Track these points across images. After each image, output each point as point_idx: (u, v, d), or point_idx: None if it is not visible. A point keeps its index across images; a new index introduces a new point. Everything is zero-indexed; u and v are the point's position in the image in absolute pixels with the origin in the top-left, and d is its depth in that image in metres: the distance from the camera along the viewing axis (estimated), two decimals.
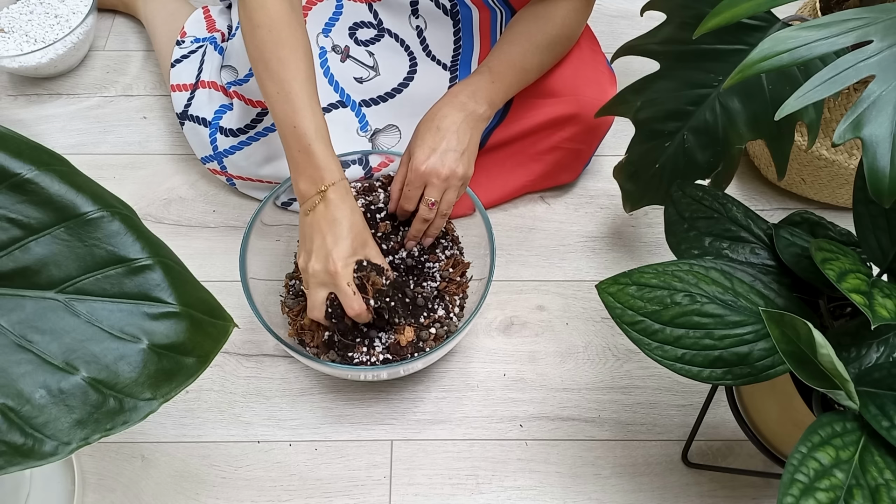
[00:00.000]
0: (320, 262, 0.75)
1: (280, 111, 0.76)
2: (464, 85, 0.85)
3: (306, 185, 0.76)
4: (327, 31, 0.93)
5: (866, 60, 0.52)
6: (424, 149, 0.81)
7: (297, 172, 0.76)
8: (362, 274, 0.76)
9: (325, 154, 0.75)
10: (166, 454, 0.84)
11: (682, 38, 0.74)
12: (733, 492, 0.83)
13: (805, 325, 0.51)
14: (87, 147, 1.10)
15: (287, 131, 0.75)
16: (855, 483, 0.52)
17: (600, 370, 0.91)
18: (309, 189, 0.75)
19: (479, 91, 0.85)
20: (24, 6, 1.17)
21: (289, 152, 0.77)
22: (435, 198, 0.81)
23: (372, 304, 0.76)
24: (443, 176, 0.80)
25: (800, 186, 1.04)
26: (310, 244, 0.76)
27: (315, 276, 0.76)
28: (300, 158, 0.75)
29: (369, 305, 0.76)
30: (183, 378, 0.48)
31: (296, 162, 0.76)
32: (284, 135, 0.76)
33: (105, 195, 0.49)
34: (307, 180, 0.75)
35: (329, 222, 0.75)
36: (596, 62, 0.97)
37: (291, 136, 0.75)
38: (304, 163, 0.75)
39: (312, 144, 0.74)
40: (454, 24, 0.96)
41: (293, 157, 0.76)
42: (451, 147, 0.81)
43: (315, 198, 0.75)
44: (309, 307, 0.78)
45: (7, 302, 0.45)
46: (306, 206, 0.76)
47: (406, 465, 0.84)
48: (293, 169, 0.77)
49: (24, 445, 0.44)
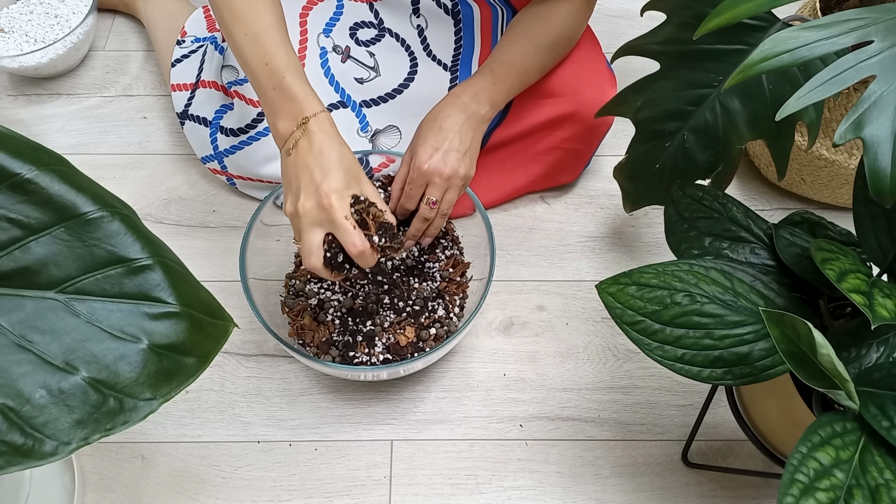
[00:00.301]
0: (310, 198, 0.67)
1: (249, 52, 0.71)
2: (465, 86, 0.85)
3: (285, 123, 0.69)
4: (328, 31, 0.93)
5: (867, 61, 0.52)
6: (427, 148, 0.81)
7: (273, 114, 0.70)
8: (360, 207, 0.68)
9: (303, 86, 0.69)
10: (166, 454, 0.84)
11: (683, 38, 0.74)
12: (733, 492, 0.83)
13: (805, 325, 0.51)
14: (87, 147, 1.10)
15: (258, 71, 0.70)
16: (855, 483, 0.52)
17: (600, 370, 0.91)
18: (288, 126, 0.69)
19: (481, 92, 0.85)
20: (24, 6, 1.17)
21: (263, 95, 0.71)
22: (436, 197, 0.81)
23: (376, 240, 0.68)
24: (445, 175, 0.80)
25: (800, 186, 1.04)
26: (296, 184, 0.68)
27: (307, 216, 0.68)
28: (275, 96, 0.69)
29: (373, 243, 0.68)
30: (183, 378, 0.48)
31: (271, 102, 0.70)
32: (256, 76, 0.70)
33: (105, 195, 0.49)
34: (285, 117, 0.69)
35: (315, 156, 0.67)
36: (596, 62, 0.97)
37: (263, 74, 0.70)
38: (280, 99, 0.69)
39: (287, 77, 0.69)
40: (455, 23, 0.96)
41: (267, 97, 0.70)
42: (453, 147, 0.81)
43: (296, 133, 0.68)
44: (304, 254, 0.70)
45: (7, 302, 0.45)
46: (287, 145, 0.69)
47: (406, 465, 0.84)
48: (269, 112, 0.71)
49: (24, 445, 0.44)
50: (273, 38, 0.71)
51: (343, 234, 0.67)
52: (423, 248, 0.87)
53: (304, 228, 0.69)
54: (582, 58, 0.97)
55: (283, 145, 0.70)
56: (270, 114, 0.71)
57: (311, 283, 0.87)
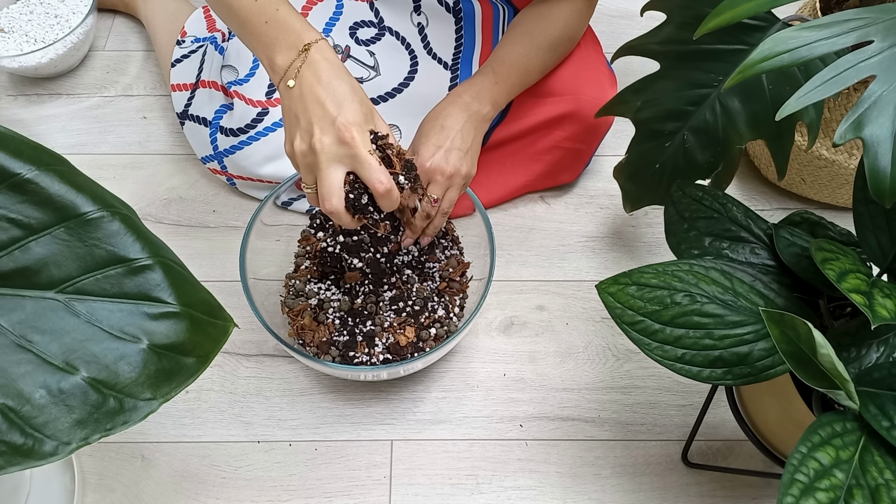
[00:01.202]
0: (328, 132, 0.61)
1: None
2: (467, 85, 0.85)
3: (283, 54, 0.64)
4: (328, 30, 0.93)
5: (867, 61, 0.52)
6: (429, 146, 0.81)
7: (268, 48, 0.65)
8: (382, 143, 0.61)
9: (297, 16, 0.66)
10: (166, 454, 0.84)
11: (682, 38, 0.74)
12: (733, 492, 0.83)
13: (805, 325, 0.51)
14: (87, 147, 1.10)
15: (247, 9, 0.66)
16: (855, 483, 0.52)
17: (600, 370, 0.91)
18: (287, 57, 0.64)
19: (482, 91, 0.85)
20: (24, 6, 1.17)
21: (253, 32, 0.66)
22: (438, 195, 0.81)
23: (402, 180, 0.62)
24: (447, 174, 0.80)
25: (800, 186, 1.04)
26: (306, 119, 0.62)
27: (325, 151, 0.61)
28: (268, 30, 0.65)
29: (399, 182, 0.63)
30: (183, 378, 0.48)
31: (263, 36, 0.65)
32: (245, 14, 0.66)
33: (105, 195, 0.49)
34: (282, 48, 0.64)
35: (325, 86, 0.62)
36: (596, 62, 0.97)
37: (253, 10, 0.65)
38: (274, 31, 0.64)
39: (280, 8, 0.65)
40: (456, 21, 0.96)
41: (259, 33, 0.65)
42: (455, 145, 0.81)
43: (296, 62, 0.63)
44: (323, 196, 0.63)
45: (7, 302, 0.45)
46: (287, 76, 0.63)
47: (406, 465, 0.84)
48: (262, 47, 0.66)
49: (24, 445, 0.44)
50: None
51: (368, 170, 0.62)
52: (423, 248, 0.87)
53: (323, 166, 0.62)
54: (582, 57, 0.97)
55: (282, 78, 0.65)
56: (264, 49, 0.66)
57: (311, 282, 0.87)
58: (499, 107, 0.87)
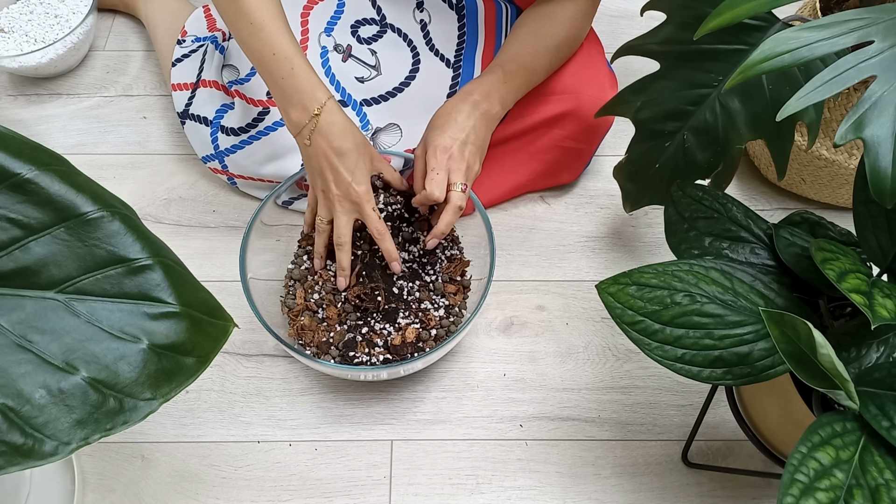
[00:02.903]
0: (343, 191, 0.76)
1: (255, 43, 0.74)
2: (476, 84, 0.86)
3: (297, 113, 0.75)
4: (329, 29, 0.93)
5: (867, 61, 0.52)
6: (445, 137, 0.81)
7: (285, 102, 0.75)
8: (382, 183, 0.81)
9: (309, 75, 0.75)
10: (166, 454, 0.84)
11: (682, 38, 0.74)
12: (733, 492, 0.83)
13: (805, 325, 0.51)
14: (87, 147, 1.10)
15: (266, 61, 0.74)
16: (855, 483, 0.52)
17: (600, 370, 0.91)
18: (301, 117, 0.75)
19: (492, 91, 0.85)
20: (24, 6, 1.17)
21: (273, 84, 0.76)
22: (462, 181, 0.80)
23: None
24: (463, 166, 0.80)
25: (800, 186, 1.04)
26: (323, 179, 0.77)
27: (341, 204, 0.77)
28: (286, 86, 0.74)
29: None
30: (183, 378, 0.48)
31: (281, 90, 0.75)
32: (265, 65, 0.75)
33: (105, 195, 0.49)
34: (296, 107, 0.75)
35: (335, 152, 0.75)
36: (597, 62, 0.98)
37: (272, 63, 0.74)
38: (291, 89, 0.74)
39: (295, 66, 0.74)
40: (459, 18, 0.96)
41: (277, 86, 0.75)
42: (469, 140, 0.81)
43: (309, 124, 0.74)
44: (337, 234, 0.78)
45: (7, 302, 0.45)
46: (302, 136, 0.76)
47: (406, 465, 0.84)
48: (280, 99, 0.76)
49: (24, 445, 0.44)
50: (277, 28, 0.74)
51: (370, 222, 0.77)
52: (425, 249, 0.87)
53: (337, 215, 0.78)
54: (583, 57, 0.97)
55: (297, 134, 0.76)
56: (282, 101, 0.76)
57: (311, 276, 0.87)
58: (507, 106, 0.87)
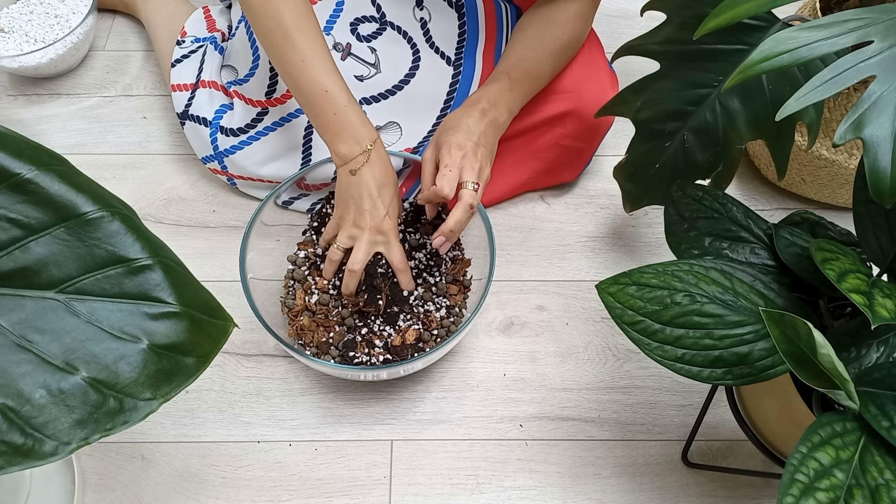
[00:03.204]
0: (376, 222, 0.79)
1: (308, 78, 0.77)
2: (483, 92, 0.86)
3: (348, 146, 0.78)
4: (329, 28, 0.93)
5: (867, 61, 0.52)
6: (459, 136, 0.81)
7: (334, 135, 0.78)
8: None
9: (359, 111, 0.79)
10: (166, 454, 0.84)
11: (682, 38, 0.74)
12: (733, 492, 0.83)
13: (805, 325, 0.51)
14: (87, 147, 1.10)
15: (318, 96, 0.77)
16: (855, 483, 0.52)
17: (600, 370, 0.91)
18: (352, 149, 0.78)
19: (499, 100, 0.86)
20: (24, 6, 1.17)
21: (322, 117, 0.78)
22: (475, 180, 0.80)
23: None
24: (477, 166, 0.80)
25: (800, 186, 1.04)
26: (358, 207, 0.79)
27: (370, 233, 0.79)
28: (337, 121, 0.77)
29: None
30: (183, 378, 0.48)
31: (332, 125, 0.78)
32: (316, 100, 0.78)
33: (105, 195, 0.49)
34: (348, 141, 0.78)
35: (378, 184, 0.78)
36: (598, 62, 0.98)
37: (324, 100, 0.77)
38: (343, 125, 0.77)
39: (348, 106, 0.77)
40: (459, 16, 0.97)
41: (329, 120, 0.78)
42: (481, 143, 0.82)
43: (360, 157, 0.77)
44: (355, 260, 0.79)
45: (7, 302, 0.45)
46: (350, 165, 0.78)
47: (406, 465, 0.84)
48: (329, 132, 0.78)
49: (24, 445, 0.44)
50: (329, 65, 0.78)
51: (393, 254, 0.80)
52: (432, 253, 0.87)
53: (364, 243, 0.79)
54: (584, 56, 0.97)
55: (344, 164, 0.78)
56: (329, 136, 0.79)
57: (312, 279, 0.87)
58: (513, 114, 0.88)
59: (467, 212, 0.79)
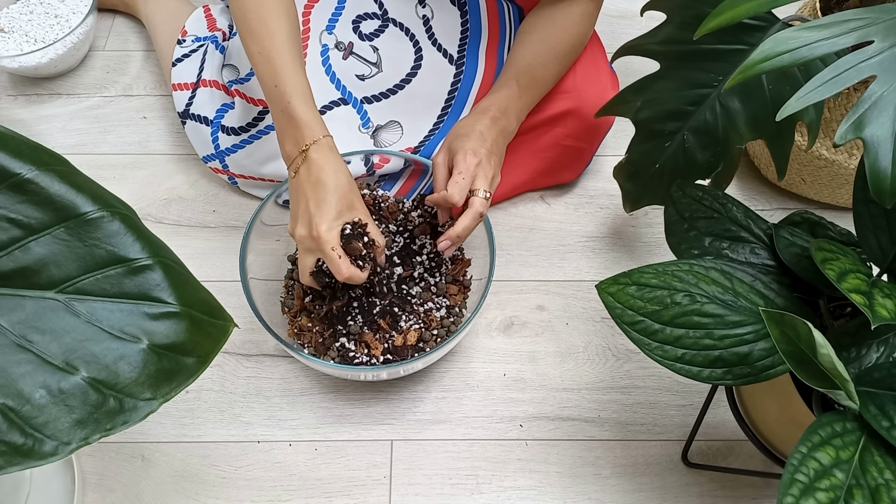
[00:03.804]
0: (304, 226, 0.73)
1: (262, 71, 0.75)
2: (493, 99, 0.86)
3: (290, 146, 0.74)
4: (331, 27, 0.93)
5: (867, 61, 0.52)
6: (473, 142, 0.81)
7: (281, 134, 0.75)
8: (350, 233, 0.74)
9: (306, 111, 0.74)
10: (166, 454, 0.84)
11: (682, 38, 0.74)
12: (733, 492, 0.83)
13: (805, 325, 0.51)
14: (87, 147, 1.10)
15: (269, 91, 0.75)
16: (855, 483, 0.52)
17: (600, 370, 0.91)
18: (292, 150, 0.74)
19: (509, 107, 0.86)
20: (24, 6, 1.17)
21: (274, 114, 0.76)
22: (486, 188, 0.79)
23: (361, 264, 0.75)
24: (490, 174, 0.80)
25: (800, 186, 1.04)
26: (295, 208, 0.75)
27: (301, 242, 0.74)
28: (281, 118, 0.74)
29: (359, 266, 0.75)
30: (183, 378, 0.48)
31: (279, 123, 0.75)
32: (268, 95, 0.75)
33: (105, 195, 0.49)
34: (290, 141, 0.74)
35: (312, 185, 0.73)
36: (599, 62, 0.98)
37: (273, 95, 0.74)
38: (287, 123, 0.74)
39: (292, 102, 0.73)
40: (461, 14, 0.97)
41: (277, 118, 0.75)
42: (493, 151, 0.82)
43: (298, 159, 0.73)
44: (300, 272, 0.77)
45: (7, 302, 0.45)
46: (291, 168, 0.75)
47: (406, 465, 0.84)
48: (279, 132, 0.76)
49: (24, 445, 0.44)
50: (283, 59, 0.74)
51: (330, 263, 0.73)
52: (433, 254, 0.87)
53: (300, 252, 0.76)
54: (586, 56, 0.97)
55: (289, 166, 0.75)
56: (279, 133, 0.76)
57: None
58: (521, 121, 0.89)
59: (476, 219, 0.79)
